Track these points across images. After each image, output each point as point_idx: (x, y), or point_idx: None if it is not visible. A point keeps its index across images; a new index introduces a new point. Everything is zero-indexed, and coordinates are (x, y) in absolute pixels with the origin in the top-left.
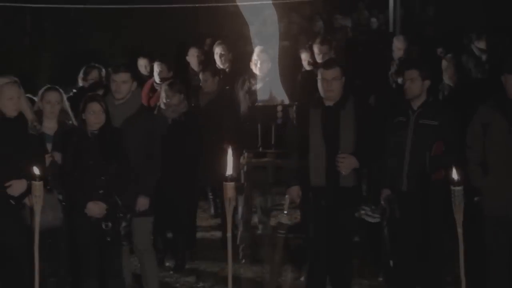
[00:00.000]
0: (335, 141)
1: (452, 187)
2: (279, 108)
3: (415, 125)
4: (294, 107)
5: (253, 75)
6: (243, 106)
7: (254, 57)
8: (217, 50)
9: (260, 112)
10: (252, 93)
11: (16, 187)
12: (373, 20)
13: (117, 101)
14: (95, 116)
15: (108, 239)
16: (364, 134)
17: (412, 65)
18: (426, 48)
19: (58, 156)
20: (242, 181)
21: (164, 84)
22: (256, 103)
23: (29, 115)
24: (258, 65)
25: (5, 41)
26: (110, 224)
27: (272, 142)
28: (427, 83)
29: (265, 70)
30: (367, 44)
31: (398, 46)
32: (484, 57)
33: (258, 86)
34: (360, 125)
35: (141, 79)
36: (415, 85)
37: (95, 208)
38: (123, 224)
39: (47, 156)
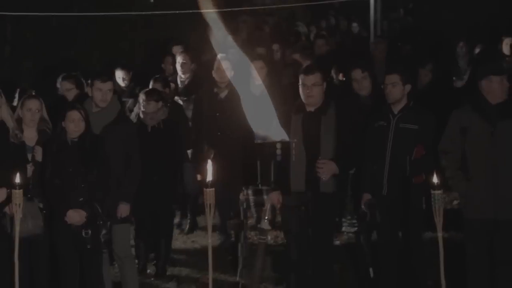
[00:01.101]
0: (315, 147)
1: (432, 191)
2: (278, 145)
3: (395, 129)
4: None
5: (215, 83)
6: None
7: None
8: (179, 59)
9: (259, 150)
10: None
11: None
12: (354, 25)
13: (95, 109)
14: (74, 124)
15: (88, 247)
16: (344, 139)
17: (394, 70)
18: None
19: (39, 152)
20: (242, 218)
21: (141, 93)
22: (255, 141)
23: (11, 123)
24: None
25: None
26: (90, 231)
27: (272, 180)
28: (408, 87)
29: (226, 79)
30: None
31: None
32: (461, 62)
33: (223, 95)
34: (341, 130)
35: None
36: (396, 90)
37: (75, 216)
38: (103, 231)
39: (28, 165)
